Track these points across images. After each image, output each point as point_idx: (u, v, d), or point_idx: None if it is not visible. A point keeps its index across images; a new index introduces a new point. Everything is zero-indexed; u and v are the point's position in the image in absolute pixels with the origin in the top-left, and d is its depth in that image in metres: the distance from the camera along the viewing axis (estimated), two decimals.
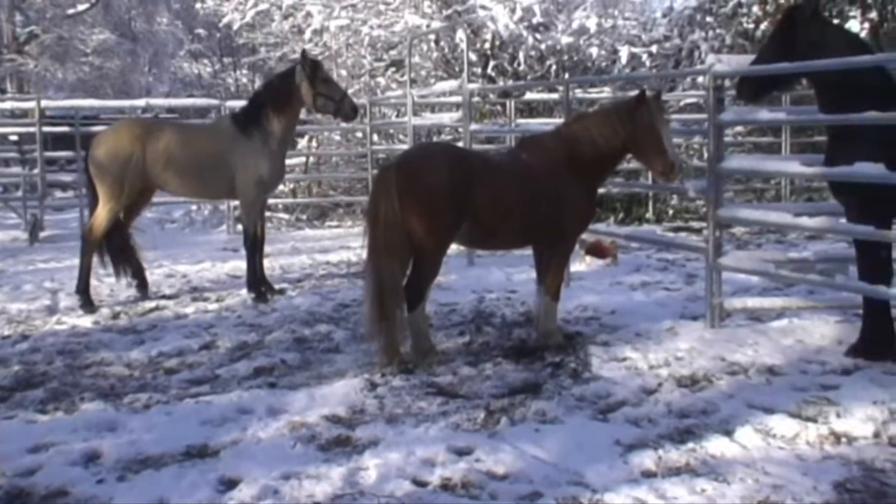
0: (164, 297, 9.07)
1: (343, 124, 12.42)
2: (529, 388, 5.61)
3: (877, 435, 4.68)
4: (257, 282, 8.73)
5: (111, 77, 33.67)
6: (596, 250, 10.25)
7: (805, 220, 6.02)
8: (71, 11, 29.93)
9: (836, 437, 4.66)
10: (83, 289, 8.55)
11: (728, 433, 4.72)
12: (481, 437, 4.77)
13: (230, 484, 4.25)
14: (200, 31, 38.09)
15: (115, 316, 8.18)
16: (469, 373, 5.95)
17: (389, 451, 4.56)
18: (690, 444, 4.59)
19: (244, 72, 38.39)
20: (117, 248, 8.91)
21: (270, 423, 5.05)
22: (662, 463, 4.39)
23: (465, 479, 4.23)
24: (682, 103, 14.83)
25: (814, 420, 4.89)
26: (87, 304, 8.44)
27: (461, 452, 4.54)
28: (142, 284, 9.08)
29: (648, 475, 4.26)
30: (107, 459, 4.62)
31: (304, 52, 8.99)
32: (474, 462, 4.41)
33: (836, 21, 15.76)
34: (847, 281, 6.10)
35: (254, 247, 8.77)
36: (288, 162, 16.65)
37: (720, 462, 4.38)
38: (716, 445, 4.56)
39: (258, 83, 37.70)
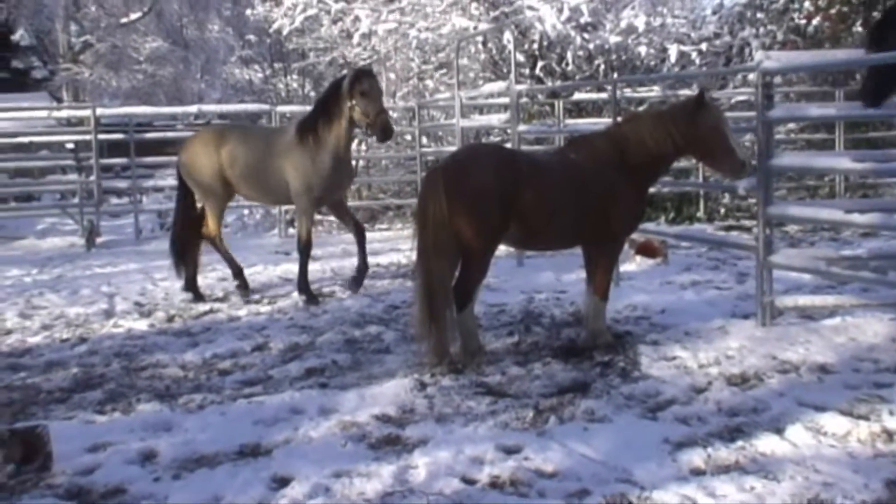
0: (217, 300, 9.23)
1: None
2: (578, 388, 5.63)
3: None
4: (307, 285, 8.84)
5: (164, 84, 34.18)
6: (646, 250, 10.20)
7: (856, 217, 5.96)
8: (124, 20, 30.51)
9: (889, 435, 4.60)
10: (236, 273, 9.49)
11: (778, 431, 4.69)
12: (530, 435, 4.80)
13: (282, 482, 4.33)
14: (251, 37, 38.48)
15: (170, 319, 8.34)
16: (518, 372, 5.98)
17: (439, 449, 4.61)
18: (740, 442, 4.57)
19: (294, 77, 38.73)
20: (179, 248, 9.34)
21: (322, 423, 5.13)
22: (711, 461, 4.38)
23: (513, 477, 4.26)
24: (732, 101, 14.67)
25: (866, 418, 4.83)
26: (244, 288, 9.37)
27: (510, 451, 4.58)
28: (193, 286, 9.37)
29: (697, 473, 4.26)
30: (163, 458, 4.73)
31: (346, 62, 9.17)
32: (523, 460, 4.45)
33: None
34: None
35: (306, 252, 8.88)
36: None
37: (770, 460, 4.36)
38: (766, 443, 4.54)
39: (308, 88, 38.21)
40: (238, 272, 9.45)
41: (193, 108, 17.15)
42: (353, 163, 16.47)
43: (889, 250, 8.81)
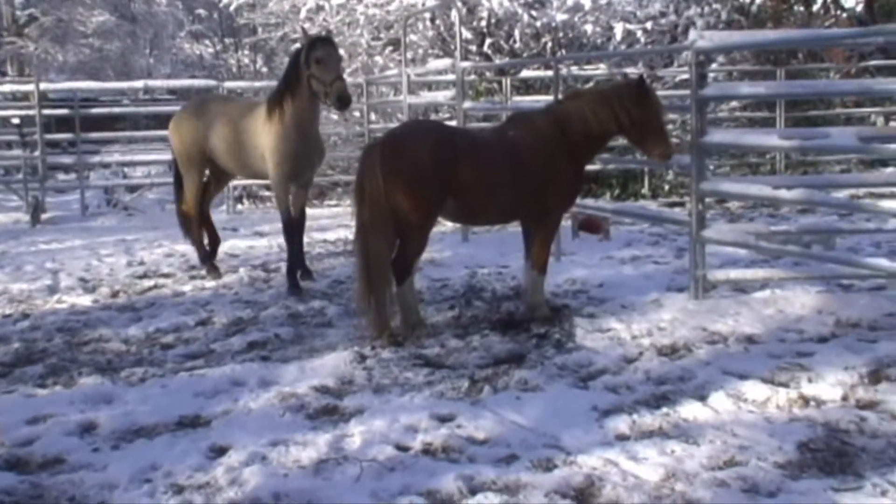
0: (162, 275, 9.24)
1: None
2: (514, 359, 5.77)
3: (844, 398, 4.84)
4: (293, 269, 8.27)
5: (111, 59, 33.67)
6: (589, 225, 10.38)
7: (783, 193, 6.16)
8: None
9: (805, 401, 4.81)
10: (203, 258, 9.27)
11: (702, 398, 4.87)
12: (464, 404, 4.94)
13: (220, 451, 4.42)
14: (201, 11, 38.05)
15: (115, 294, 8.34)
16: (456, 345, 6.11)
17: (374, 418, 4.73)
18: (665, 409, 4.75)
19: (246, 52, 38.39)
20: (198, 223, 9.29)
21: (261, 395, 5.22)
22: (636, 427, 4.55)
23: (445, 443, 4.40)
24: (677, 79, 14.89)
25: (785, 385, 5.04)
26: (213, 271, 9.09)
27: (443, 419, 4.71)
28: (213, 255, 9.40)
29: (622, 438, 4.43)
30: (102, 430, 4.79)
31: (303, 30, 8.75)
32: (455, 428, 4.58)
33: None
34: (824, 251, 6.23)
35: (288, 231, 8.39)
36: None
37: (692, 425, 4.54)
38: (689, 410, 4.72)
39: (260, 63, 37.85)
40: (204, 258, 9.25)
41: (140, 84, 16.99)
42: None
43: (817, 225, 9.09)
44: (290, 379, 5.49)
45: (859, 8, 16.02)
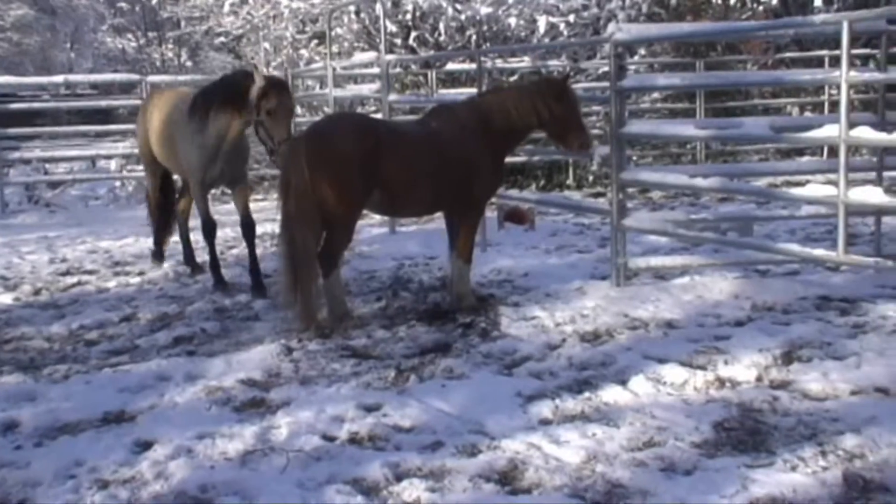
0: (85, 272, 9.10)
1: None
2: (440, 348, 5.84)
3: (759, 379, 5.03)
4: (216, 264, 8.07)
5: (31, 53, 32.91)
6: (514, 216, 10.51)
7: (699, 181, 6.34)
8: None
9: (721, 383, 4.99)
10: (155, 253, 9.36)
11: (622, 382, 5.01)
12: (390, 394, 4.99)
13: (145, 445, 4.40)
14: (123, 4, 37.36)
15: (37, 292, 8.19)
16: (383, 335, 6.16)
17: (301, 409, 4.75)
18: (587, 394, 4.87)
19: (170, 46, 37.81)
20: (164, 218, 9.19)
21: (187, 389, 5.21)
22: (559, 411, 4.66)
23: (371, 432, 4.45)
24: (600, 71, 15.12)
25: (703, 368, 5.21)
26: (158, 257, 9.28)
27: (370, 409, 4.75)
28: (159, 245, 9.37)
29: (545, 423, 4.53)
30: (25, 428, 4.73)
31: (255, 67, 7.62)
32: (382, 417, 4.63)
33: None
34: (740, 238, 6.43)
35: (206, 233, 8.04)
36: None
37: (612, 409, 4.67)
38: (610, 394, 4.85)
39: (184, 57, 37.30)
40: (159, 244, 9.31)
41: (60, 79, 16.59)
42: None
43: (735, 213, 9.36)
44: (217, 373, 5.47)
45: (775, 1, 16.46)
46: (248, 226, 7.88)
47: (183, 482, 3.96)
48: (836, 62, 14.06)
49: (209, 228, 8.09)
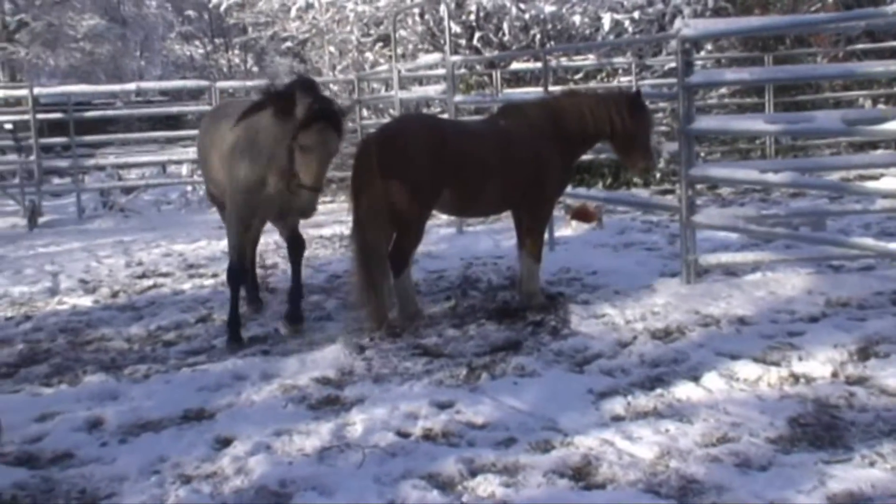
0: (161, 275, 9.33)
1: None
2: (510, 346, 5.88)
3: (834, 375, 4.96)
4: (235, 321, 6.56)
5: (102, 62, 33.75)
6: (581, 214, 10.48)
7: (770, 176, 6.26)
8: None
9: (796, 379, 4.94)
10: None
11: (695, 379, 4.99)
12: (462, 391, 5.05)
13: (225, 442, 4.53)
14: (190, 12, 38.14)
15: (115, 295, 8.43)
16: (454, 334, 6.21)
17: (375, 407, 4.83)
18: (659, 391, 4.87)
19: (236, 52, 38.48)
20: None
21: (263, 387, 5.33)
22: (631, 408, 4.66)
23: (445, 429, 4.51)
24: (665, 67, 14.98)
25: (777, 364, 5.16)
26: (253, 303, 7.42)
27: (443, 406, 4.81)
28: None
29: (617, 419, 4.54)
30: (109, 425, 4.90)
31: (307, 91, 5.96)
32: (455, 414, 4.69)
33: None
34: (812, 233, 6.34)
35: (233, 280, 6.62)
36: None
37: (685, 405, 4.65)
38: (682, 390, 4.84)
39: (250, 63, 37.93)
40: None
41: (132, 86, 17.02)
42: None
43: (807, 208, 9.20)
44: (292, 371, 5.59)
45: None
46: (296, 245, 6.68)
47: (263, 477, 4.07)
48: None
49: (235, 273, 6.53)
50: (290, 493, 3.94)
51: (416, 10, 15.31)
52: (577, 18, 14.58)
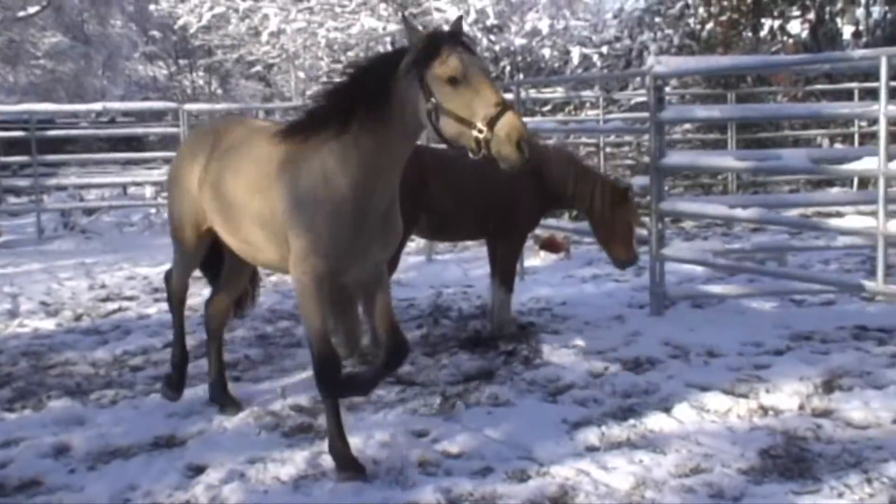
0: (125, 298, 9.23)
1: None
2: (483, 375, 5.91)
3: (801, 407, 5.06)
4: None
5: (64, 80, 33.42)
6: (550, 245, 10.57)
7: (739, 212, 6.39)
8: (21, 14, 29.63)
9: (765, 411, 5.02)
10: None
11: (666, 410, 5.06)
12: (437, 420, 5.06)
13: (198, 470, 4.49)
14: (155, 32, 37.95)
15: (78, 318, 8.33)
16: (426, 362, 6.23)
17: (350, 435, 4.78)
18: (632, 421, 4.92)
19: (200, 74, 38.35)
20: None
21: (236, 414, 5.29)
22: (605, 438, 4.71)
23: (422, 458, 4.50)
24: (632, 102, 15.22)
25: (745, 396, 5.25)
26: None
27: (419, 435, 4.82)
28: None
29: (592, 449, 4.58)
30: (77, 452, 4.83)
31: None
32: (431, 443, 4.69)
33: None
34: (778, 268, 6.47)
35: (322, 373, 4.41)
36: None
37: (658, 436, 4.71)
38: (655, 421, 4.90)
39: (215, 86, 37.82)
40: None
41: (98, 106, 16.87)
42: None
43: (771, 243, 9.38)
44: (264, 399, 5.56)
45: (804, 34, 16.53)
46: (399, 350, 4.56)
47: None
48: (866, 95, 14.07)
49: (330, 369, 4.40)
50: None
51: (388, 39, 15.42)
52: (546, 52, 14.78)
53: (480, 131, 3.71)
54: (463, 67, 3.79)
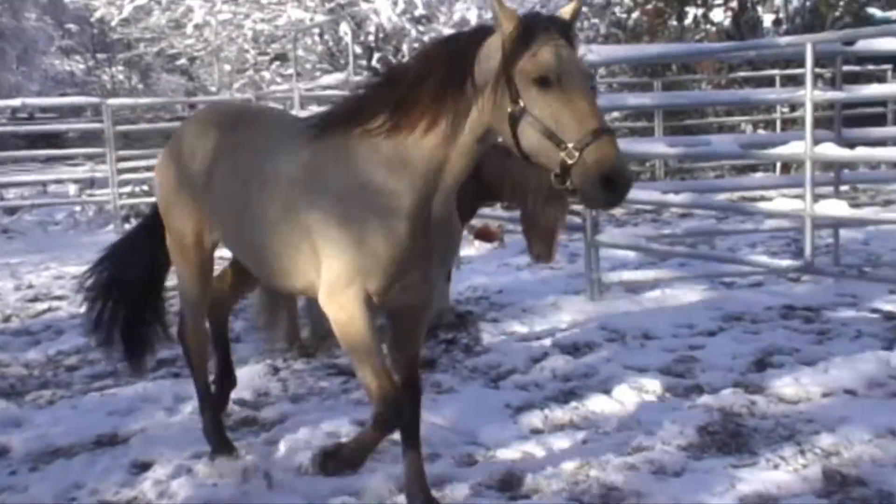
0: (55, 298, 9.04)
1: None
2: (425, 364, 5.90)
3: (735, 385, 5.24)
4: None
5: None
6: (483, 234, 10.60)
7: (671, 197, 6.56)
8: None
9: (701, 389, 5.19)
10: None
11: (606, 392, 5.18)
12: None
13: (143, 466, 4.46)
14: (71, 26, 37.03)
15: (6, 319, 8.14)
16: None
17: (296, 427, 4.83)
18: (573, 404, 5.04)
19: (120, 68, 37.53)
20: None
21: (178, 410, 5.27)
22: (548, 421, 4.82)
23: None
24: None
25: (681, 376, 5.43)
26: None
27: (364, 424, 4.81)
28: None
29: (536, 432, 4.69)
30: (16, 453, 4.76)
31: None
32: None
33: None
34: (711, 252, 6.65)
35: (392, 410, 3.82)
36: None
37: (599, 417, 4.84)
38: (595, 403, 5.02)
39: (135, 80, 37.04)
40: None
41: (17, 102, 16.39)
42: None
43: (701, 228, 9.63)
44: None
45: (727, 22, 16.93)
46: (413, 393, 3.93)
47: (188, 500, 4.05)
48: (787, 81, 14.48)
49: (397, 410, 3.64)
50: None
51: (316, 30, 15.34)
52: None
53: (571, 155, 2.94)
54: (558, 66, 2.99)
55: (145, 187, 15.83)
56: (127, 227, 14.63)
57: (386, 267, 3.41)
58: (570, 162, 2.93)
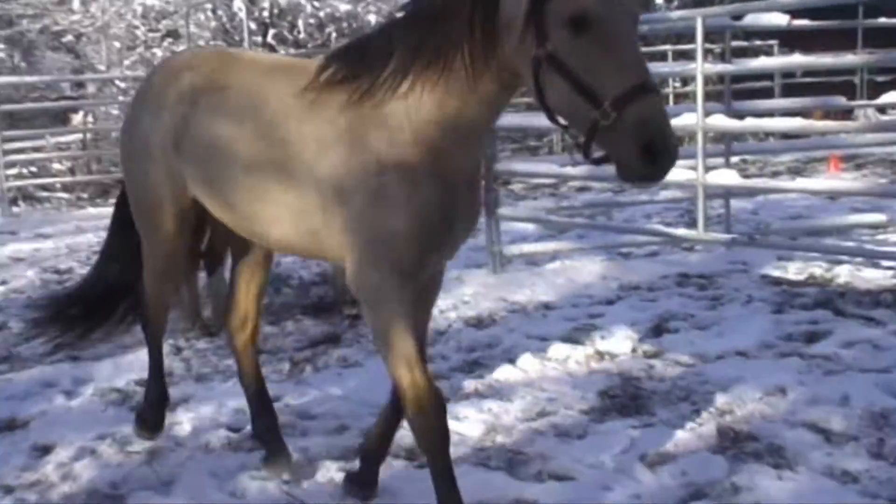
0: None
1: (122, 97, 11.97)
2: (330, 339, 5.98)
3: (634, 350, 5.43)
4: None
5: None
6: None
7: (569, 170, 6.70)
8: None
9: (601, 356, 5.36)
10: None
11: (510, 361, 5.29)
12: (289, 385, 5.11)
13: (45, 449, 4.36)
14: None
15: None
16: (272, 330, 6.23)
17: (201, 405, 4.81)
18: (478, 373, 5.14)
19: (1, 46, 35.99)
20: None
21: (79, 393, 5.18)
22: (455, 391, 4.89)
23: None
24: None
25: (582, 343, 5.57)
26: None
27: (272, 400, 4.83)
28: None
29: None
30: None
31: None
32: (284, 407, 4.73)
33: None
34: (608, 222, 6.83)
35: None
36: (63, 139, 16.10)
37: (504, 385, 4.94)
38: (500, 372, 5.12)
39: (17, 58, 35.49)
40: None
41: None
42: (81, 136, 15.79)
43: (598, 200, 9.86)
44: (107, 375, 5.44)
45: None
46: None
47: (92, 481, 3.98)
48: (679, 56, 14.88)
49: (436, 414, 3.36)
50: (123, 494, 3.87)
51: (209, 5, 15.02)
52: (371, 17, 14.81)
53: (605, 114, 2.45)
54: (599, 6, 2.50)
55: (33, 168, 15.30)
56: (15, 209, 14.11)
57: (417, 236, 3.00)
58: (604, 123, 2.45)
